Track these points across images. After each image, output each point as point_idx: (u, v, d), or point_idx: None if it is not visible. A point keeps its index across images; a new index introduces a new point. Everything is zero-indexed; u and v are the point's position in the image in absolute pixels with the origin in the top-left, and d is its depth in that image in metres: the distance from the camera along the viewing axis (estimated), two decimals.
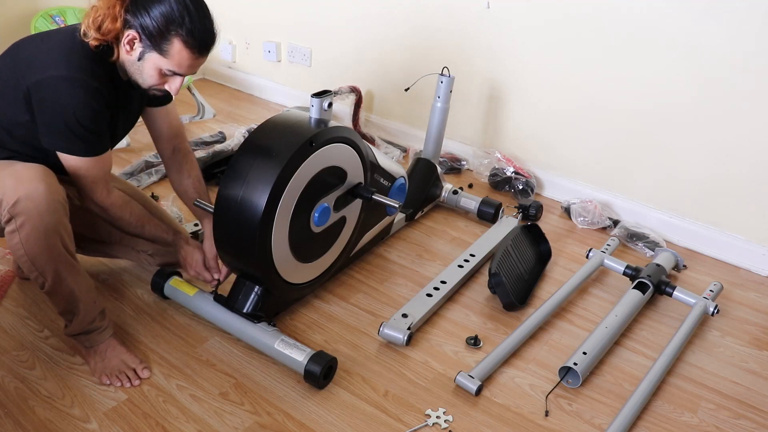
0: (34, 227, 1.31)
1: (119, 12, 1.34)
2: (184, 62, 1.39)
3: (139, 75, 1.42)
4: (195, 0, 1.38)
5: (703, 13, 2.07)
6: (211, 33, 1.41)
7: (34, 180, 1.33)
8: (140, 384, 1.46)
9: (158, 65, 1.39)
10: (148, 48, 1.37)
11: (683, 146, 2.26)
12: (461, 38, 2.62)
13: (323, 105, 1.58)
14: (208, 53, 1.43)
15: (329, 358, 1.49)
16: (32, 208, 1.31)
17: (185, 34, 1.36)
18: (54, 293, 1.41)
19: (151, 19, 1.34)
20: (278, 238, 1.51)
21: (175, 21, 1.34)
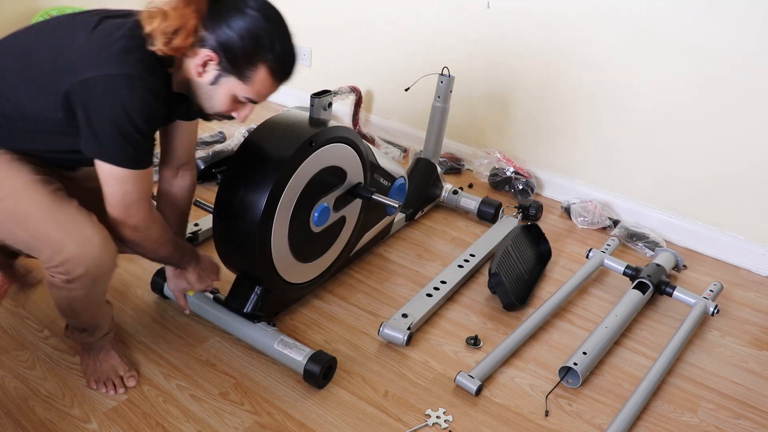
0: (88, 289, 1.25)
1: (195, 27, 1.16)
2: (265, 90, 1.25)
3: (207, 99, 1.25)
4: (281, 18, 1.23)
5: (703, 13, 2.07)
6: (295, 59, 1.26)
7: (97, 240, 1.21)
8: (125, 392, 1.44)
9: (234, 92, 1.23)
10: (226, 72, 1.20)
11: (683, 146, 2.26)
12: (461, 38, 2.62)
13: (323, 105, 1.58)
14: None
15: (328, 358, 1.49)
16: (93, 274, 1.22)
17: (273, 61, 1.21)
18: (78, 325, 1.37)
19: (236, 40, 1.17)
20: (278, 237, 1.50)
21: (264, 45, 1.19)
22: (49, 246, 1.19)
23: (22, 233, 1.21)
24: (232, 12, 1.18)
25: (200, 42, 1.17)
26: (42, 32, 1.21)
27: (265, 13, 1.20)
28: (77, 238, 1.19)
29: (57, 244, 1.19)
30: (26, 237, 1.21)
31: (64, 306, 1.30)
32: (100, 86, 1.13)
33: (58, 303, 1.30)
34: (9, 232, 1.22)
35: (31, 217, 1.20)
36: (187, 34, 1.15)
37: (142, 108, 1.16)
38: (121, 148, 1.18)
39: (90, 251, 1.20)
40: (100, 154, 1.18)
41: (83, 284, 1.23)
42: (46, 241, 1.19)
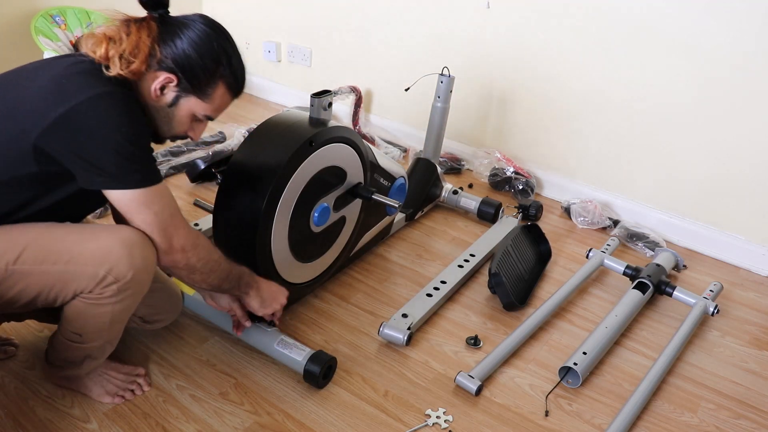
0: (136, 294, 1.21)
1: (149, 48, 1.13)
2: (223, 106, 1.25)
3: (166, 122, 1.23)
4: (226, 31, 1.22)
5: (703, 13, 2.07)
6: (245, 71, 1.27)
7: (145, 247, 1.17)
8: (150, 389, 1.45)
9: (194, 110, 1.22)
10: (185, 92, 1.19)
11: (683, 146, 2.26)
12: (461, 38, 2.62)
13: (323, 105, 1.58)
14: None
15: (328, 358, 1.49)
16: (141, 287, 1.20)
17: (230, 75, 1.21)
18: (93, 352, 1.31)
19: (195, 59, 1.15)
20: (278, 237, 1.50)
21: (221, 61, 1.18)
22: (91, 263, 1.15)
23: (54, 267, 1.14)
24: (183, 30, 1.17)
25: (157, 64, 1.15)
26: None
27: (213, 27, 1.20)
28: (118, 239, 1.16)
29: (99, 255, 1.15)
30: (60, 269, 1.14)
31: (103, 326, 1.23)
32: (80, 115, 1.06)
33: (94, 324, 1.22)
34: (40, 278, 1.15)
35: (61, 245, 1.15)
36: (145, 56, 1.13)
37: (131, 120, 1.12)
38: (130, 169, 1.12)
39: (135, 249, 1.16)
40: (112, 183, 1.11)
41: (133, 289, 1.20)
42: (87, 260, 1.15)
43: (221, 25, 1.23)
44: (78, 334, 1.25)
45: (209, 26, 1.19)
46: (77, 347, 1.29)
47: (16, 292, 1.15)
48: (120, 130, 1.09)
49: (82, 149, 1.08)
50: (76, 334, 1.25)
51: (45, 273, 1.15)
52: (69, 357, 1.32)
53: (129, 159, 1.11)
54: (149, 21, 1.17)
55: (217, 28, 1.21)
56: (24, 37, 2.67)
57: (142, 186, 1.13)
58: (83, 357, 1.32)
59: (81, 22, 2.82)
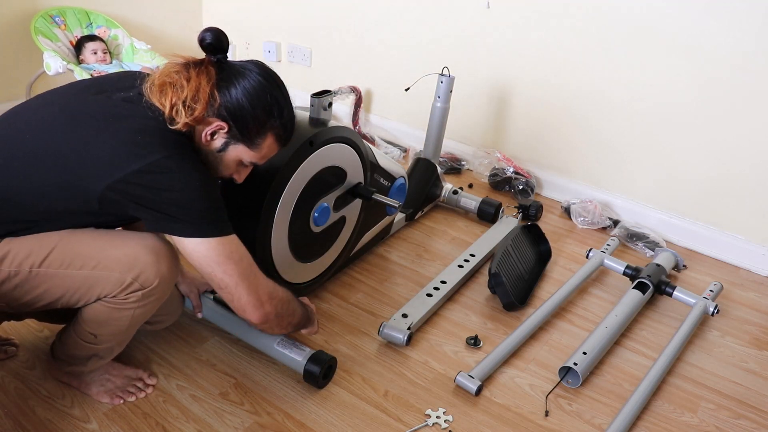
0: (160, 299, 1.24)
1: (209, 94, 1.15)
2: (270, 154, 1.26)
3: (214, 166, 1.23)
4: (280, 81, 1.24)
5: (703, 13, 2.07)
6: (295, 121, 1.27)
7: (171, 256, 1.20)
8: (152, 391, 1.45)
9: (241, 157, 1.23)
10: (235, 140, 1.20)
11: (683, 146, 2.26)
12: (461, 38, 2.63)
13: (323, 105, 1.58)
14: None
15: (328, 358, 1.49)
16: (164, 294, 1.22)
17: (280, 127, 1.22)
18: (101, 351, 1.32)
19: (248, 109, 1.17)
20: (278, 237, 1.50)
21: (273, 113, 1.20)
22: (117, 268, 1.16)
23: (80, 272, 1.16)
24: (239, 78, 1.18)
25: (212, 111, 1.16)
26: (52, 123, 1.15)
27: (268, 77, 1.21)
28: (146, 246, 1.18)
29: (127, 261, 1.17)
30: (87, 273, 1.17)
31: (121, 328, 1.25)
32: (156, 171, 1.09)
33: (112, 326, 1.24)
34: (64, 280, 1.17)
35: (88, 250, 1.17)
36: (205, 103, 1.14)
37: (205, 175, 1.15)
38: (210, 219, 1.14)
39: (162, 257, 1.19)
40: (192, 231, 1.13)
41: (157, 296, 1.22)
42: (113, 265, 1.16)
43: (276, 75, 1.24)
44: (94, 334, 1.27)
45: (264, 76, 1.19)
46: (89, 346, 1.30)
47: (38, 294, 1.18)
48: (194, 184, 1.11)
49: (156, 203, 1.10)
50: (92, 335, 1.27)
51: (70, 276, 1.17)
52: (77, 354, 1.33)
53: (206, 210, 1.13)
54: (208, 65, 1.18)
55: (271, 78, 1.21)
56: (24, 37, 2.68)
57: (220, 235, 1.15)
58: (91, 355, 1.33)
59: (81, 22, 2.82)
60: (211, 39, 1.16)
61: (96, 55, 2.73)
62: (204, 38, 1.16)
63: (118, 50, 2.90)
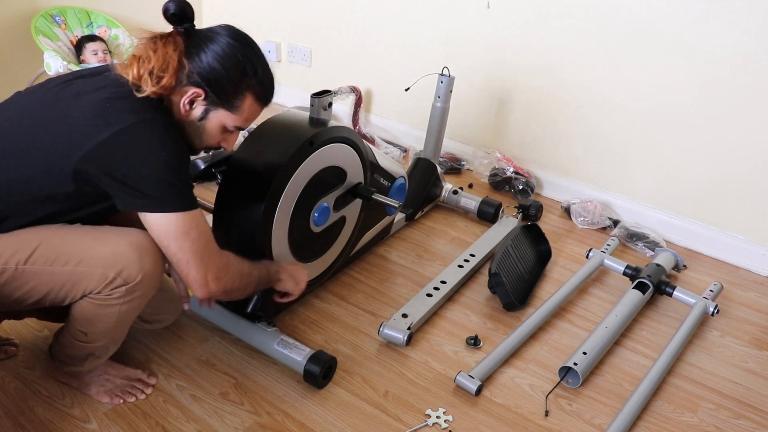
0: (145, 295, 1.23)
1: (178, 63, 1.14)
2: (252, 116, 1.25)
3: (197, 136, 1.23)
4: (252, 41, 1.22)
5: (703, 14, 2.07)
6: (274, 79, 1.26)
7: (154, 252, 1.19)
8: (152, 391, 1.45)
9: (224, 122, 1.23)
10: (214, 105, 1.19)
11: (683, 146, 2.26)
12: (461, 38, 2.62)
13: (323, 105, 1.58)
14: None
15: (328, 358, 1.49)
16: (149, 290, 1.21)
17: (257, 86, 1.21)
18: (96, 350, 1.31)
19: (221, 72, 1.16)
20: (278, 237, 1.50)
21: (247, 72, 1.18)
22: (100, 264, 1.16)
23: (65, 268, 1.16)
24: (207, 42, 1.17)
25: (185, 78, 1.16)
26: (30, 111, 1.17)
27: (238, 38, 1.20)
28: (129, 242, 1.17)
29: (110, 257, 1.16)
30: (70, 269, 1.16)
31: (109, 326, 1.24)
32: (123, 141, 1.09)
33: (100, 324, 1.24)
34: (50, 277, 1.16)
35: (72, 247, 1.16)
36: (174, 71, 1.14)
37: (173, 147, 1.14)
38: (170, 194, 1.13)
39: (145, 253, 1.18)
40: (152, 206, 1.12)
41: (141, 291, 1.21)
42: (96, 261, 1.16)
43: (246, 35, 1.22)
44: (84, 332, 1.26)
45: (233, 38, 1.19)
46: (82, 345, 1.30)
47: (25, 291, 1.17)
48: (161, 155, 1.11)
49: (123, 173, 1.10)
50: (82, 333, 1.26)
51: (55, 273, 1.16)
52: (73, 353, 1.33)
53: (170, 184, 1.12)
54: (175, 36, 1.18)
55: (241, 38, 1.21)
56: (24, 36, 2.67)
57: (182, 210, 1.14)
58: (87, 354, 1.33)
59: (81, 21, 2.82)
60: (175, 9, 1.16)
61: (97, 55, 2.73)
62: (167, 9, 1.16)
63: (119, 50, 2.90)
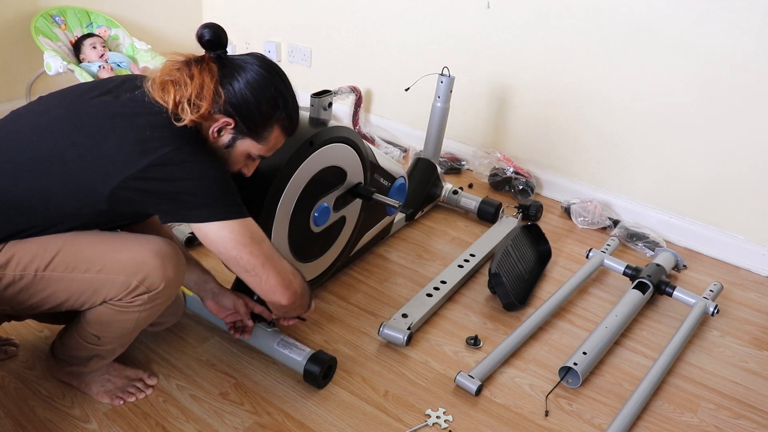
0: (155, 312, 1.24)
1: (213, 90, 1.14)
2: (277, 146, 1.26)
3: (223, 162, 1.23)
4: (282, 72, 1.22)
5: (702, 13, 2.07)
6: (299, 113, 1.27)
7: (177, 260, 1.21)
8: (152, 391, 1.45)
9: (249, 151, 1.22)
10: (242, 134, 1.19)
11: (683, 146, 2.26)
12: (461, 38, 2.62)
13: (323, 105, 1.58)
14: None
15: (328, 358, 1.49)
16: (170, 297, 1.23)
17: (286, 119, 1.21)
18: (103, 352, 1.32)
19: (252, 103, 1.16)
20: (278, 237, 1.50)
21: (278, 105, 1.19)
22: (123, 271, 1.16)
23: (86, 275, 1.16)
24: (240, 72, 1.17)
25: (218, 107, 1.16)
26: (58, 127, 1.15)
27: (269, 69, 1.20)
28: (152, 250, 1.17)
29: (132, 265, 1.16)
30: (92, 276, 1.16)
31: (125, 331, 1.25)
32: (168, 163, 1.09)
33: (116, 329, 1.24)
34: (70, 284, 1.17)
35: (93, 254, 1.16)
36: (211, 99, 1.14)
37: (215, 162, 1.16)
38: (228, 202, 1.14)
39: (168, 260, 1.19)
40: (214, 215, 1.12)
41: (162, 299, 1.22)
42: (118, 268, 1.16)
43: (277, 66, 1.23)
44: (97, 336, 1.26)
45: (265, 69, 1.19)
46: (91, 347, 1.30)
47: (42, 297, 1.17)
48: (212, 168, 1.13)
49: (177, 189, 1.10)
50: (95, 336, 1.27)
51: (75, 280, 1.16)
52: (78, 354, 1.33)
53: (226, 193, 1.14)
54: (209, 62, 1.17)
55: (273, 70, 1.21)
56: (24, 37, 2.68)
57: (242, 217, 1.15)
58: (92, 356, 1.33)
59: (81, 22, 2.82)
60: (210, 35, 1.16)
61: (95, 49, 2.72)
62: (203, 35, 1.16)
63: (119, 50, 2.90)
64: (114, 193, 1.10)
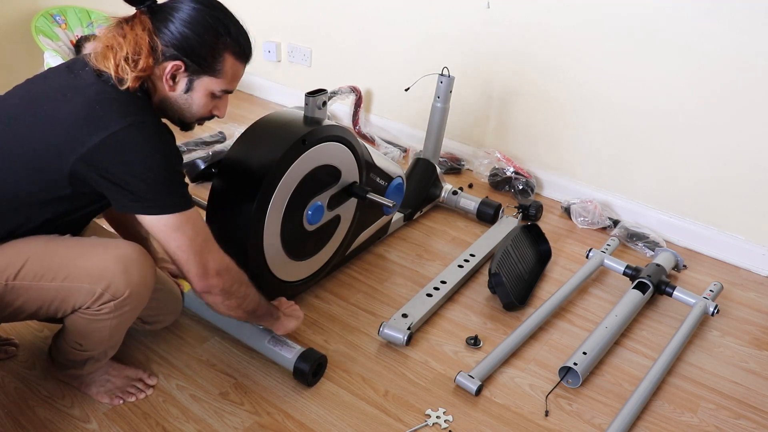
0: (135, 308, 1.23)
1: (150, 42, 1.12)
2: (236, 76, 1.23)
3: (188, 109, 1.23)
4: (216, 2, 1.21)
5: (704, 16, 2.06)
6: (248, 33, 1.24)
7: (141, 264, 1.19)
8: (152, 391, 1.45)
9: (210, 89, 1.21)
10: (196, 74, 1.18)
11: (683, 146, 2.26)
12: (461, 38, 2.62)
13: (317, 104, 1.58)
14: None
15: (318, 356, 1.49)
16: (139, 302, 1.21)
17: (233, 44, 1.19)
18: (95, 354, 1.32)
19: (194, 38, 1.14)
20: (270, 235, 1.50)
21: (220, 32, 1.17)
22: (87, 279, 1.15)
23: (53, 284, 1.15)
24: (173, 13, 1.16)
25: (161, 56, 1.14)
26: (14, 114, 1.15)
27: (202, 2, 1.18)
28: (115, 255, 1.17)
29: (95, 272, 1.15)
30: (58, 285, 1.15)
31: (103, 338, 1.25)
32: (115, 144, 1.08)
33: (94, 336, 1.24)
34: (39, 293, 1.16)
35: (59, 261, 1.15)
36: (148, 51, 1.13)
37: (165, 148, 1.13)
38: (166, 195, 1.13)
39: (132, 266, 1.18)
40: (148, 209, 1.13)
41: (131, 305, 1.21)
42: (83, 276, 1.15)
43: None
44: (79, 343, 1.27)
45: (197, 2, 1.17)
46: (79, 353, 1.30)
47: (17, 306, 1.17)
48: (155, 157, 1.11)
49: (119, 176, 1.10)
50: (78, 344, 1.27)
51: (43, 289, 1.15)
52: (72, 358, 1.33)
53: (164, 185, 1.12)
54: (140, 16, 1.16)
55: (206, 1, 1.19)
56: (24, 36, 2.68)
57: (177, 211, 1.14)
58: (85, 359, 1.33)
59: (81, 21, 2.82)
60: None
61: None
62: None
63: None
64: (73, 171, 1.09)
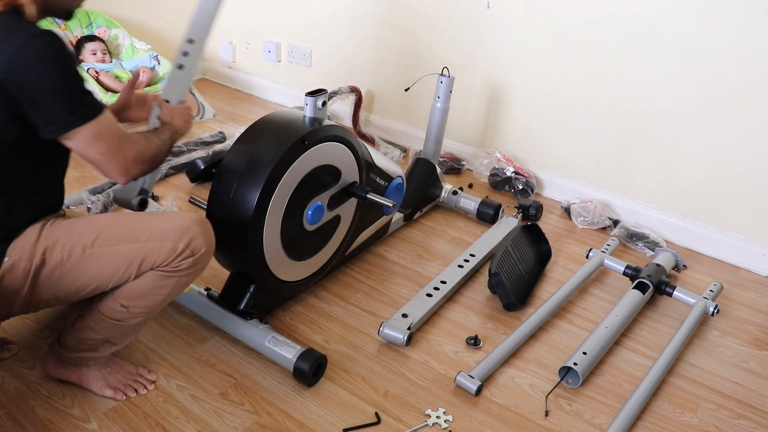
0: (193, 279, 1.32)
1: None
2: None
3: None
4: None
5: (704, 16, 2.06)
6: None
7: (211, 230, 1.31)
8: (153, 388, 1.46)
9: None
10: None
11: (683, 146, 2.26)
12: (461, 38, 2.62)
13: (317, 104, 1.58)
14: None
15: (318, 356, 1.49)
16: (205, 264, 1.31)
17: None
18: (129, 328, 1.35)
19: None
20: (270, 235, 1.50)
21: None
22: (171, 235, 1.24)
23: (134, 245, 1.23)
24: None
25: None
26: None
27: None
28: (192, 218, 1.27)
29: (178, 231, 1.25)
30: (140, 246, 1.23)
31: (157, 302, 1.30)
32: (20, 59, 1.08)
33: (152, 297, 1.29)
34: (117, 257, 1.23)
35: (138, 226, 1.26)
36: None
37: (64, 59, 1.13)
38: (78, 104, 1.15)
39: (207, 228, 1.29)
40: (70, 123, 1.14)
41: (201, 264, 1.30)
42: (165, 234, 1.24)
43: None
44: (125, 307, 1.29)
45: None
46: (112, 324, 1.31)
47: (89, 276, 1.23)
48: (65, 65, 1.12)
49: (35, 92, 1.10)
50: (124, 307, 1.29)
51: (122, 252, 1.23)
52: (92, 337, 1.34)
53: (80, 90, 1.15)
54: None
55: None
56: None
57: (93, 117, 1.16)
58: (103, 340, 1.35)
59: (81, 22, 2.82)
60: None
61: (95, 55, 2.74)
62: None
63: (119, 50, 2.91)
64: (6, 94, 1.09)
